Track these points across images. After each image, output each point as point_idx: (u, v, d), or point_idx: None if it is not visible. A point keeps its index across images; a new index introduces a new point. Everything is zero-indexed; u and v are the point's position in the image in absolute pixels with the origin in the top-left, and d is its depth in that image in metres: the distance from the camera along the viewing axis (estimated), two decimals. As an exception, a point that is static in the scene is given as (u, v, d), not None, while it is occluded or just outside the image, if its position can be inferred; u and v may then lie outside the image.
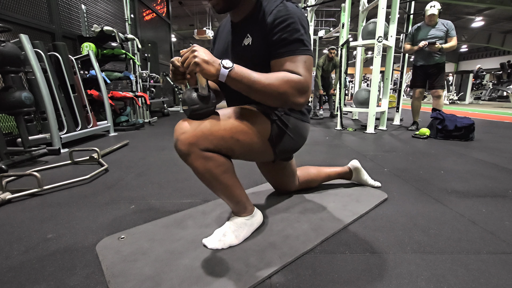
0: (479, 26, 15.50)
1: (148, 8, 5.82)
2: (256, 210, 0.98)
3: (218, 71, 0.72)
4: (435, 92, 3.22)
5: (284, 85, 0.76)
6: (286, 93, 0.77)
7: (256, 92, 0.76)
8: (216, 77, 0.72)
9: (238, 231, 0.90)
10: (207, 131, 0.77)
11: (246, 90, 0.76)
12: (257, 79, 0.75)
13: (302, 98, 0.79)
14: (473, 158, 2.06)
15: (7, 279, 0.74)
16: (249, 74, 0.74)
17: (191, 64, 0.70)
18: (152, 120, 4.23)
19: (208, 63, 0.70)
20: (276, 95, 0.76)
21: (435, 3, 3.07)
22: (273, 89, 0.75)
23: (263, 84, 0.75)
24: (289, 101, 0.79)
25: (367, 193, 1.30)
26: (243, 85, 0.75)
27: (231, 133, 0.80)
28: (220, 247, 0.85)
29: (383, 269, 0.77)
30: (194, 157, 0.76)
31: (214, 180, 0.81)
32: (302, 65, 0.79)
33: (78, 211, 1.16)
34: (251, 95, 0.78)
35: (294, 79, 0.77)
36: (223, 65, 0.72)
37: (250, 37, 0.86)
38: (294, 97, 0.78)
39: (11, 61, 1.80)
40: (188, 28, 16.76)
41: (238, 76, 0.73)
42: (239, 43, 0.89)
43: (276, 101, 0.78)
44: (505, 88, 9.06)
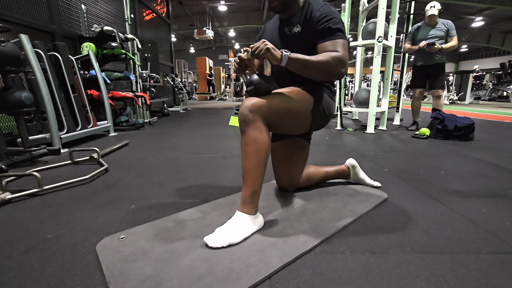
0: (479, 26, 15.50)
1: (148, 8, 5.83)
2: (259, 213, 0.99)
3: (281, 55, 0.94)
4: (435, 92, 3.22)
5: (330, 60, 0.98)
6: (330, 65, 0.98)
7: (310, 69, 0.98)
8: (280, 61, 0.94)
9: (239, 230, 0.90)
10: (268, 102, 0.97)
11: (301, 69, 0.98)
12: (309, 59, 0.97)
13: (342, 68, 1.01)
14: (473, 158, 2.06)
15: (7, 279, 0.74)
16: (303, 56, 0.96)
17: (263, 50, 0.91)
18: (152, 120, 4.23)
19: (275, 50, 0.93)
20: (324, 68, 0.98)
21: (435, 3, 3.07)
22: (322, 64, 0.97)
23: (314, 61, 0.97)
24: (334, 72, 1.00)
25: (367, 193, 1.30)
26: (299, 64, 0.96)
27: (285, 104, 1.03)
28: (220, 245, 0.85)
29: (383, 269, 0.77)
30: (253, 124, 0.94)
31: (255, 154, 0.94)
32: (341, 46, 1.03)
33: (78, 211, 1.16)
34: (305, 72, 1.00)
35: (336, 55, 1.00)
36: (283, 51, 0.94)
37: (300, 27, 1.10)
38: (337, 67, 0.99)
39: (11, 61, 1.80)
40: (188, 28, 16.77)
41: (295, 58, 0.95)
42: (290, 31, 1.14)
43: (325, 74, 1.01)
44: (505, 88, 9.05)
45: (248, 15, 16.17)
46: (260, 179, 0.96)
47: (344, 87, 3.66)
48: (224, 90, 13.35)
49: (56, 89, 2.40)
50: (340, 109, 3.64)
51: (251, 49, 0.96)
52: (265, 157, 0.96)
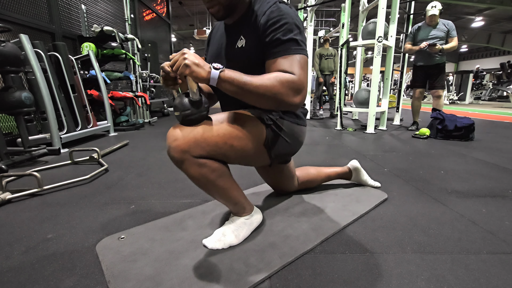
0: (479, 26, 15.49)
1: (148, 8, 5.82)
2: (255, 209, 0.98)
3: (209, 73, 0.70)
4: (435, 92, 3.22)
5: (277, 85, 0.73)
6: (279, 93, 0.73)
7: (249, 94, 0.73)
8: (207, 80, 0.71)
9: (237, 231, 0.90)
10: (200, 138, 0.75)
11: (238, 93, 0.74)
12: (248, 80, 0.72)
13: (297, 97, 0.76)
14: (473, 158, 2.06)
15: (7, 279, 0.74)
16: (240, 76, 0.72)
17: (181, 66, 0.69)
18: (152, 120, 4.23)
19: (199, 66, 0.70)
20: (269, 95, 0.73)
21: (436, 4, 3.07)
22: (266, 89, 0.73)
23: (255, 85, 0.72)
24: (283, 102, 0.75)
25: (367, 193, 1.30)
26: (235, 87, 0.72)
27: (225, 139, 0.79)
28: (220, 247, 0.85)
29: (383, 269, 0.77)
30: (187, 164, 0.76)
31: (209, 185, 0.81)
32: (296, 64, 0.77)
33: (78, 211, 1.16)
34: (244, 98, 0.76)
35: (288, 78, 0.74)
36: (213, 67, 0.71)
37: (244, 39, 0.84)
38: (289, 96, 0.75)
39: (11, 61, 1.80)
40: (188, 28, 16.76)
41: (228, 78, 0.71)
42: (233, 45, 0.87)
43: (270, 102, 0.75)
44: (505, 88, 9.06)
45: (248, 15, 16.15)
46: (233, 193, 0.87)
47: (344, 87, 3.66)
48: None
49: (56, 89, 2.40)
50: (340, 109, 3.64)
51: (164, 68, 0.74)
52: (223, 178, 0.82)
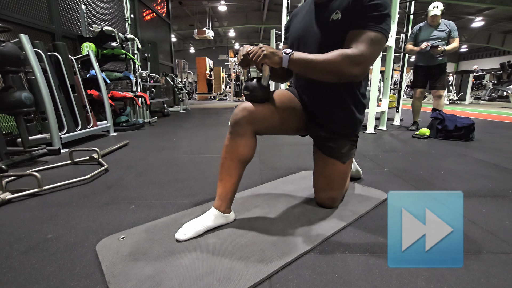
0: (479, 26, 15.49)
1: (148, 8, 5.82)
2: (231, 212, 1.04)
3: (281, 58, 0.85)
4: (436, 92, 3.22)
5: (337, 58, 0.84)
6: (340, 66, 0.84)
7: (314, 70, 0.86)
8: (280, 64, 0.86)
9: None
10: (264, 115, 0.95)
11: (306, 70, 0.88)
12: (313, 58, 0.85)
13: (355, 68, 0.85)
14: (473, 158, 2.06)
15: (7, 279, 0.74)
16: (306, 56, 0.86)
17: (260, 57, 0.85)
18: (152, 120, 4.23)
19: (274, 53, 0.86)
20: (330, 68, 0.84)
21: (438, 4, 3.05)
22: (327, 63, 0.84)
23: (318, 61, 0.84)
24: (343, 73, 0.85)
25: (367, 193, 1.30)
26: (302, 66, 0.86)
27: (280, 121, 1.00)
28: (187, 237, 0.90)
29: (383, 269, 0.77)
30: (243, 134, 0.93)
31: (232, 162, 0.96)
32: (366, 40, 0.85)
33: (78, 211, 1.16)
34: (310, 74, 0.90)
35: (348, 53, 0.84)
36: (284, 52, 0.85)
37: (340, 13, 0.91)
38: (348, 68, 0.84)
39: (11, 61, 1.80)
40: (188, 28, 16.75)
41: (296, 59, 0.85)
42: (327, 18, 0.95)
43: (331, 74, 0.87)
44: (505, 88, 9.05)
45: (248, 15, 16.17)
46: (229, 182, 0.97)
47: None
48: (224, 90, 13.34)
49: (56, 89, 2.40)
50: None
51: (247, 53, 0.89)
52: (239, 167, 0.97)
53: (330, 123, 1.09)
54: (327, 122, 1.09)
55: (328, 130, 1.10)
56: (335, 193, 1.12)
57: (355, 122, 1.09)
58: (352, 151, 1.13)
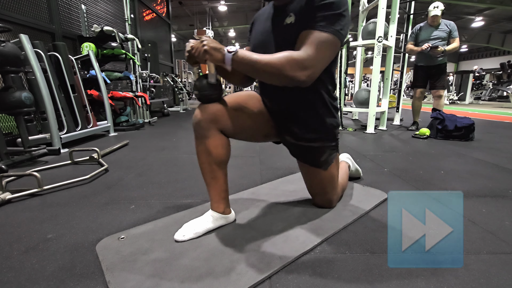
0: (479, 26, 15.49)
1: (148, 8, 5.82)
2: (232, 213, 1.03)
3: (224, 56, 0.79)
4: (436, 92, 3.22)
5: (281, 60, 0.78)
6: (282, 68, 0.77)
7: (258, 71, 0.81)
8: (223, 62, 0.80)
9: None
10: (220, 112, 0.90)
11: (250, 71, 0.82)
12: (258, 59, 0.79)
13: (301, 72, 0.78)
14: (473, 158, 2.06)
15: (7, 279, 0.74)
16: (251, 55, 0.79)
17: (201, 53, 0.79)
18: (152, 120, 4.23)
19: (216, 50, 0.79)
20: (274, 71, 0.78)
21: (439, 4, 3.05)
22: (272, 66, 0.78)
23: (263, 63, 0.78)
24: (287, 76, 0.78)
25: (367, 193, 1.30)
26: (246, 66, 0.80)
27: (238, 115, 0.94)
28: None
29: (383, 269, 0.77)
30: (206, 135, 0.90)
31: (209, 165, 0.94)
32: (315, 42, 0.79)
33: (78, 211, 1.16)
34: (255, 75, 0.85)
35: (294, 56, 0.78)
36: (227, 50, 0.79)
37: (293, 16, 0.86)
38: (292, 71, 0.78)
39: (11, 61, 1.80)
40: (188, 28, 16.75)
41: (240, 58, 0.79)
42: (281, 22, 0.90)
43: (276, 77, 0.80)
44: (505, 88, 9.05)
45: (248, 15, 16.16)
46: (217, 184, 0.96)
47: (344, 87, 3.65)
48: (224, 90, 13.34)
49: (56, 89, 2.40)
50: (340, 109, 3.64)
51: (191, 49, 0.82)
52: (220, 168, 0.95)
53: (300, 131, 1.01)
54: (297, 129, 1.01)
55: (299, 138, 1.02)
56: (329, 195, 1.10)
57: (326, 127, 1.00)
58: (332, 157, 1.05)
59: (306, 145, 1.02)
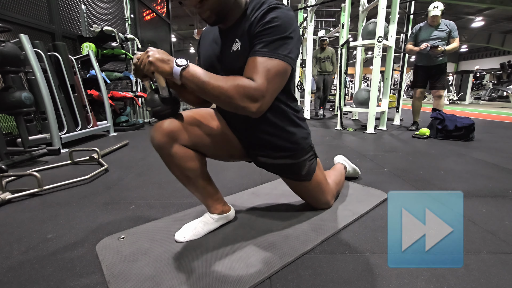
0: (479, 26, 15.49)
1: (148, 8, 5.82)
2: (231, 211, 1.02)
3: (172, 69, 0.72)
4: (436, 92, 3.22)
5: (231, 89, 0.72)
6: (234, 98, 0.72)
7: (207, 93, 0.74)
8: (171, 75, 0.73)
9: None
10: (177, 128, 0.82)
11: (199, 91, 0.74)
12: (207, 80, 0.72)
13: (252, 105, 0.73)
14: (473, 158, 2.06)
15: (7, 279, 0.74)
16: (201, 75, 0.73)
17: (146, 64, 0.72)
18: (152, 120, 4.23)
19: (163, 61, 0.72)
20: (224, 98, 0.73)
21: (439, 4, 3.05)
22: (222, 92, 0.72)
23: (213, 86, 0.72)
24: (238, 107, 0.73)
25: (367, 193, 1.30)
26: (195, 85, 0.73)
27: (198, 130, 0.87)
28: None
29: (383, 269, 0.77)
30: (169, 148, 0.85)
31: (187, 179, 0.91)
32: (264, 70, 0.73)
33: (78, 211, 1.16)
34: (204, 96, 0.76)
35: (244, 84, 0.72)
36: (176, 63, 0.72)
37: (239, 42, 0.81)
38: (243, 102, 0.73)
39: (11, 61, 1.80)
40: (188, 28, 16.75)
41: (190, 75, 0.72)
42: (229, 49, 0.84)
43: (226, 105, 0.75)
44: (505, 88, 9.06)
45: (248, 15, 16.15)
46: (205, 193, 0.94)
47: (344, 87, 3.66)
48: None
49: (56, 89, 2.40)
50: (340, 109, 3.64)
51: (135, 62, 0.76)
52: (199, 178, 0.90)
53: (269, 151, 0.96)
54: (265, 150, 0.96)
55: (272, 157, 0.97)
56: (322, 200, 1.10)
57: (296, 142, 0.95)
58: (312, 166, 1.01)
59: (281, 163, 0.97)
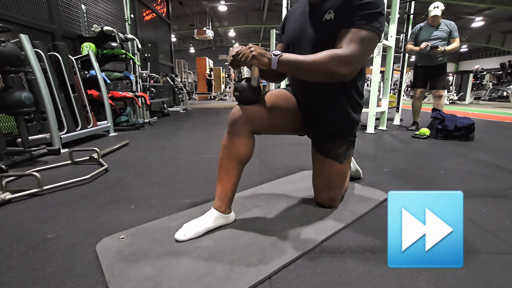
0: (479, 26, 15.48)
1: (148, 8, 5.82)
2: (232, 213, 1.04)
3: (270, 59, 0.85)
4: (436, 92, 3.22)
5: (326, 58, 0.82)
6: (328, 66, 0.82)
7: (304, 71, 0.86)
8: (269, 66, 0.85)
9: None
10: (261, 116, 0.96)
11: (295, 72, 0.88)
12: (302, 59, 0.84)
13: (344, 68, 0.83)
14: (473, 158, 2.06)
15: (7, 279, 0.74)
16: (296, 57, 0.85)
17: (249, 58, 0.84)
18: (152, 120, 4.23)
19: (263, 55, 0.85)
20: (318, 68, 0.83)
21: (439, 4, 3.05)
22: (316, 64, 0.83)
23: (308, 62, 0.83)
24: (333, 73, 0.83)
25: (367, 193, 1.30)
26: (292, 67, 0.85)
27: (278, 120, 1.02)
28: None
29: (383, 269, 0.77)
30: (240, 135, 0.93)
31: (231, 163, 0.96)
32: (357, 39, 0.84)
33: (78, 211, 1.16)
34: (300, 75, 0.90)
35: (338, 53, 0.83)
36: (273, 53, 0.85)
37: (333, 13, 0.90)
38: (336, 67, 0.83)
39: (11, 61, 1.80)
40: (188, 28, 16.74)
41: (286, 60, 0.84)
42: (320, 18, 0.93)
43: (320, 74, 0.85)
44: (505, 88, 9.05)
45: (248, 15, 16.16)
46: (228, 182, 0.97)
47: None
48: (224, 90, 13.34)
49: (56, 89, 2.40)
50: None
51: (236, 54, 0.89)
52: (237, 167, 0.97)
53: (325, 124, 1.08)
54: (323, 122, 1.09)
55: (324, 131, 1.10)
56: (334, 193, 1.12)
57: (351, 123, 1.07)
58: (349, 151, 1.12)
59: (328, 137, 1.09)
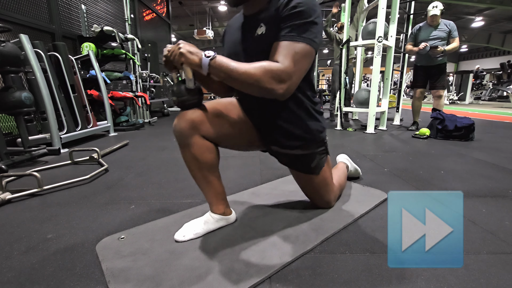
0: (479, 26, 15.49)
1: (148, 8, 5.82)
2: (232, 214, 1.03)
3: (201, 60, 0.75)
4: (436, 92, 3.22)
5: (258, 72, 0.75)
6: (261, 81, 0.75)
7: (235, 80, 0.77)
8: (199, 66, 0.76)
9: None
10: (200, 119, 0.86)
11: (226, 79, 0.78)
12: (235, 67, 0.76)
13: (278, 85, 0.76)
14: (473, 158, 2.05)
15: (7, 279, 0.74)
16: (228, 63, 0.76)
17: (177, 55, 0.76)
18: (152, 120, 4.23)
19: (192, 53, 0.76)
20: (251, 82, 0.76)
21: (438, 4, 3.05)
22: (248, 76, 0.75)
23: (240, 72, 0.75)
24: (265, 88, 0.76)
25: (367, 193, 1.30)
26: (223, 73, 0.76)
27: (219, 121, 0.90)
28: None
29: (383, 269, 0.77)
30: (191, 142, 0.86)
31: (199, 170, 0.91)
32: (291, 52, 0.76)
33: (78, 211, 1.16)
34: (231, 84, 0.79)
35: (272, 67, 0.75)
36: (205, 54, 0.76)
37: (264, 26, 0.84)
38: (269, 83, 0.75)
39: (11, 61, 1.80)
40: (188, 28, 16.75)
41: (217, 64, 0.75)
42: (252, 33, 0.87)
43: (254, 89, 0.77)
44: (505, 88, 9.05)
45: (248, 15, 16.15)
46: (212, 188, 0.94)
47: (344, 87, 3.66)
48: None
49: (56, 89, 2.40)
50: (340, 109, 3.64)
51: (169, 54, 0.79)
52: (211, 172, 0.92)
53: (283, 139, 0.97)
54: (280, 138, 0.97)
55: (284, 146, 0.99)
56: (325, 198, 1.10)
57: (310, 133, 0.97)
58: (322, 161, 1.03)
59: (292, 153, 0.99)
